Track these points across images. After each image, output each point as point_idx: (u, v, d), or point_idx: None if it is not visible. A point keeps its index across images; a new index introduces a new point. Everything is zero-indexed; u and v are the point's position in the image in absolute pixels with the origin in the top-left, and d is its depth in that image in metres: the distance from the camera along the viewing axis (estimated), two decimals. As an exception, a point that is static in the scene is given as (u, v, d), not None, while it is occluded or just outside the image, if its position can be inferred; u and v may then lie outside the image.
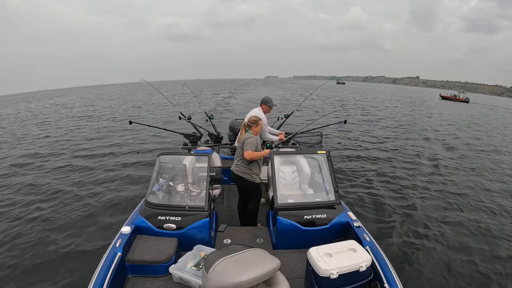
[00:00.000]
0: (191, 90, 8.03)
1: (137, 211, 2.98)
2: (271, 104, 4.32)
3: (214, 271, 1.80)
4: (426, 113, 23.21)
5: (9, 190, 6.12)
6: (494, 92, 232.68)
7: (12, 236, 4.33)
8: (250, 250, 2.00)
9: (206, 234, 2.80)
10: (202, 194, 3.02)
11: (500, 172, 8.07)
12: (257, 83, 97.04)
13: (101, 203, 5.35)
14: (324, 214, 2.91)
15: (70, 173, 7.08)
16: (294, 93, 40.89)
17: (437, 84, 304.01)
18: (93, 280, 2.06)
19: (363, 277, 2.20)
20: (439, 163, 8.62)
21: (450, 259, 3.97)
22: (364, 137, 11.92)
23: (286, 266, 2.62)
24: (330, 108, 22.06)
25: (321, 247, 2.23)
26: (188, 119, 5.36)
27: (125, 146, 9.91)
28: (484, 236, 4.60)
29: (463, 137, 13.33)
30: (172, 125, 11.24)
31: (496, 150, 11.06)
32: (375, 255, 2.39)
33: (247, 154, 3.24)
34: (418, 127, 15.63)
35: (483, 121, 20.84)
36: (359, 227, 2.79)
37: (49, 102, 35.16)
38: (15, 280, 3.42)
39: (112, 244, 2.46)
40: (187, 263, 2.43)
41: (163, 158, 3.25)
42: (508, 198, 6.15)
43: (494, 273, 3.72)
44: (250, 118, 3.51)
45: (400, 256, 3.96)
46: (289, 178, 3.57)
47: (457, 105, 36.03)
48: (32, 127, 15.09)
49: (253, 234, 3.23)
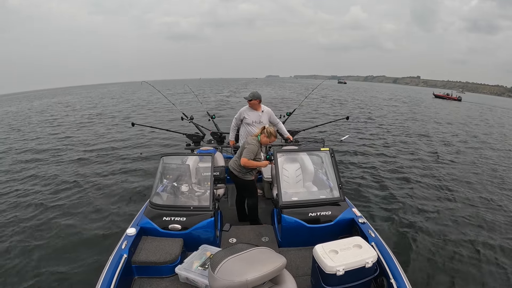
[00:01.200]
0: (192, 91, 8.03)
1: (141, 213, 2.99)
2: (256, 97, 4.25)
3: (220, 270, 1.80)
4: (418, 111, 23.55)
5: (9, 190, 6.18)
6: (494, 92, 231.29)
7: (15, 236, 4.36)
8: (255, 249, 2.00)
9: (211, 233, 2.80)
10: (206, 194, 3.03)
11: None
12: (258, 82, 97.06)
13: (106, 205, 5.37)
14: (328, 211, 2.91)
15: (71, 176, 7.11)
16: (293, 92, 41.23)
17: (437, 84, 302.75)
18: (100, 282, 2.07)
19: (369, 273, 2.19)
20: (441, 159, 8.58)
21: (457, 254, 3.94)
22: (367, 134, 11.89)
23: (292, 264, 2.62)
24: (329, 107, 22.19)
25: (326, 244, 2.23)
26: (191, 119, 5.36)
27: (128, 148, 9.94)
28: (492, 230, 4.57)
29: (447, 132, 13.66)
30: (174, 125, 11.26)
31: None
32: (381, 251, 2.38)
33: (243, 161, 3.24)
34: (415, 124, 15.72)
35: (465, 117, 21.86)
36: (364, 223, 2.78)
37: (52, 100, 35.29)
38: (19, 283, 3.44)
39: (118, 246, 2.47)
40: (193, 263, 2.44)
41: (166, 159, 3.25)
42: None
43: (502, 268, 3.70)
44: (270, 129, 3.41)
45: (406, 252, 3.94)
46: (293, 176, 3.56)
47: (449, 103, 36.92)
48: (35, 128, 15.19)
49: (258, 232, 3.23)
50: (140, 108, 22.15)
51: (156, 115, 17.91)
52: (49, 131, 13.62)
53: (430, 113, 22.07)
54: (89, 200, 5.64)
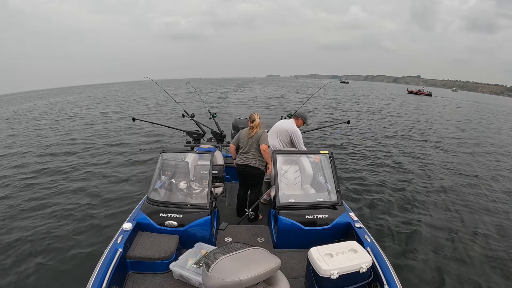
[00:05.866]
0: (194, 88, 8.04)
1: (138, 208, 2.99)
2: (307, 121, 4.32)
3: (214, 269, 1.80)
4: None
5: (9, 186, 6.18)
6: (494, 92, 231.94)
7: (11, 232, 4.36)
8: (251, 249, 2.00)
9: (207, 232, 2.80)
10: (204, 192, 3.03)
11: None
12: (259, 81, 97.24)
13: (103, 200, 5.38)
14: (325, 214, 2.91)
15: (71, 170, 7.11)
16: (292, 91, 42.26)
17: (437, 83, 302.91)
18: (94, 275, 2.07)
19: (363, 278, 2.19)
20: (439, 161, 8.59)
21: (452, 262, 3.94)
22: (364, 137, 11.88)
23: (286, 266, 2.62)
24: (329, 105, 22.58)
25: (322, 247, 2.23)
26: (192, 116, 5.36)
27: (127, 143, 9.95)
28: (489, 241, 4.55)
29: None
30: (175, 122, 11.27)
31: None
32: (376, 256, 2.38)
33: (265, 146, 3.48)
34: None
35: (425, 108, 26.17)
36: (360, 228, 2.78)
37: (54, 100, 35.42)
38: (14, 276, 3.43)
39: (113, 240, 2.47)
40: (188, 260, 2.44)
41: (165, 155, 3.26)
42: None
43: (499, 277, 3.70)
44: (252, 116, 3.63)
45: (400, 258, 3.94)
46: (291, 178, 3.57)
47: (420, 98, 42.56)
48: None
49: (254, 232, 3.23)
50: (141, 105, 22.20)
51: (157, 111, 17.93)
52: (51, 127, 13.64)
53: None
54: (87, 194, 5.65)
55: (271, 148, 3.95)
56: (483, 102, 52.70)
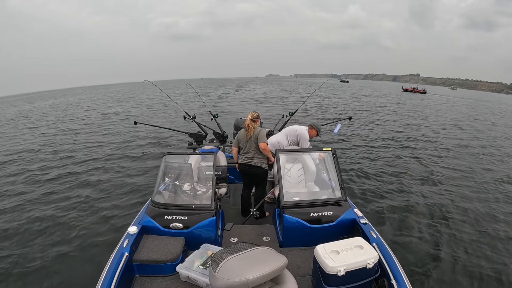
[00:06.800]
0: (195, 90, 8.03)
1: (143, 211, 3.00)
2: (320, 133, 4.28)
3: (221, 269, 1.80)
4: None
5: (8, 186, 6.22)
6: (493, 89, 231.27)
7: (17, 234, 4.39)
8: (257, 248, 2.00)
9: (213, 232, 2.81)
10: (208, 193, 3.03)
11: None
12: (258, 81, 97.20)
13: (108, 204, 5.39)
14: (330, 211, 2.90)
15: (74, 175, 7.13)
16: (292, 90, 42.60)
17: (437, 81, 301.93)
18: (101, 280, 2.08)
19: (370, 274, 2.19)
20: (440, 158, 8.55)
21: (457, 256, 3.92)
22: (366, 134, 11.85)
23: (293, 264, 2.62)
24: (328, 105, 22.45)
25: (328, 245, 2.23)
26: (193, 118, 5.36)
27: (130, 147, 9.97)
28: (495, 237, 4.52)
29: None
30: (177, 124, 11.28)
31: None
32: (382, 252, 2.37)
33: (264, 145, 3.47)
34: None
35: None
36: (365, 224, 2.78)
37: (55, 102, 35.61)
38: (20, 279, 3.46)
39: (119, 244, 2.48)
40: (194, 262, 2.45)
41: (168, 158, 3.26)
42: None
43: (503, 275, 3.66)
44: (253, 114, 3.61)
45: (407, 253, 3.92)
46: (295, 176, 3.56)
47: (415, 95, 43.89)
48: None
49: (260, 232, 3.23)
50: (142, 108, 22.24)
51: (158, 114, 17.95)
52: (53, 131, 13.69)
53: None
54: (91, 198, 5.67)
55: (278, 145, 4.00)
56: (479, 99, 52.97)
